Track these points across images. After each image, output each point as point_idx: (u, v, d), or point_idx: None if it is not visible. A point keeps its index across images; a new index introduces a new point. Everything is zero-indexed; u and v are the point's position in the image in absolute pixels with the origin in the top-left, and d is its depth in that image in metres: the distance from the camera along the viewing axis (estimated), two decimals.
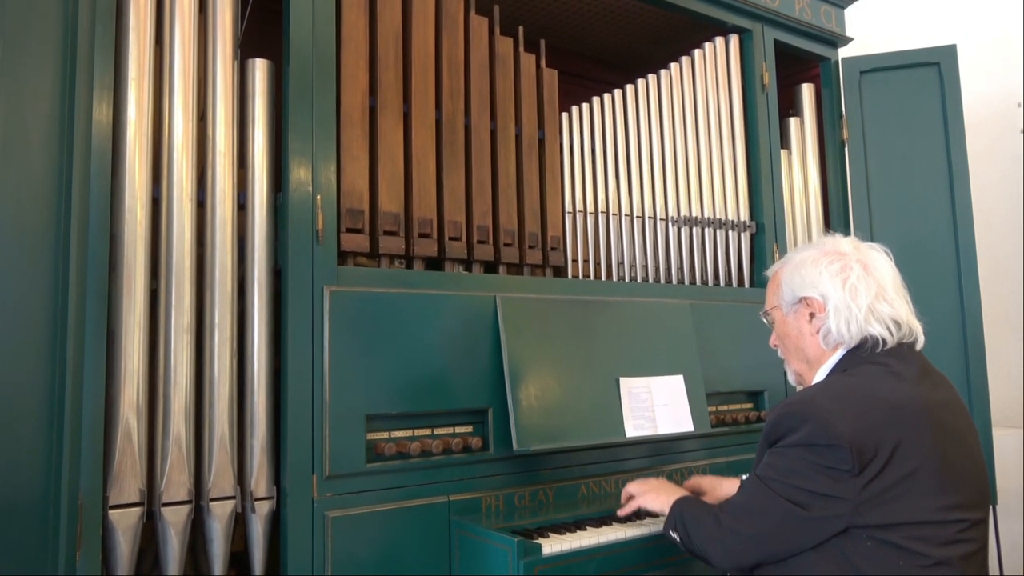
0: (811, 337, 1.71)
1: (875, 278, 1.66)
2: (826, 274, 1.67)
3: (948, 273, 3.02)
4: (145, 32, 1.80)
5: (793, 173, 3.16)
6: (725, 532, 1.58)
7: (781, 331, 1.79)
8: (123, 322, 1.70)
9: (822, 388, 1.61)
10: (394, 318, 2.02)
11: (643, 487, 1.93)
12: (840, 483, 1.45)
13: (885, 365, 1.59)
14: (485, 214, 2.31)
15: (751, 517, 1.55)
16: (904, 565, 1.42)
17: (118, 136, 1.75)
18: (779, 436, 1.56)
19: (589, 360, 2.30)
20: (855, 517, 1.45)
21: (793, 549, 1.51)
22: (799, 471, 1.49)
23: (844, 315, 1.64)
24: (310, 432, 1.88)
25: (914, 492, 1.44)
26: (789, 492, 1.50)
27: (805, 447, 1.49)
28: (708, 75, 2.92)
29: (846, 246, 1.72)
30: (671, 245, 2.73)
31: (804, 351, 1.74)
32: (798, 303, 1.72)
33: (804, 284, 1.70)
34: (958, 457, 1.51)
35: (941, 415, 1.53)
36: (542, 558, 1.79)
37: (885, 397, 1.52)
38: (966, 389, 2.95)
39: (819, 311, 1.68)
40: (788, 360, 1.81)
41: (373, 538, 1.91)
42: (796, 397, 1.58)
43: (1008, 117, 3.96)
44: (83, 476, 1.62)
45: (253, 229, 1.92)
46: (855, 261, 1.68)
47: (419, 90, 2.22)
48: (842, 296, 1.65)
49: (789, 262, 1.78)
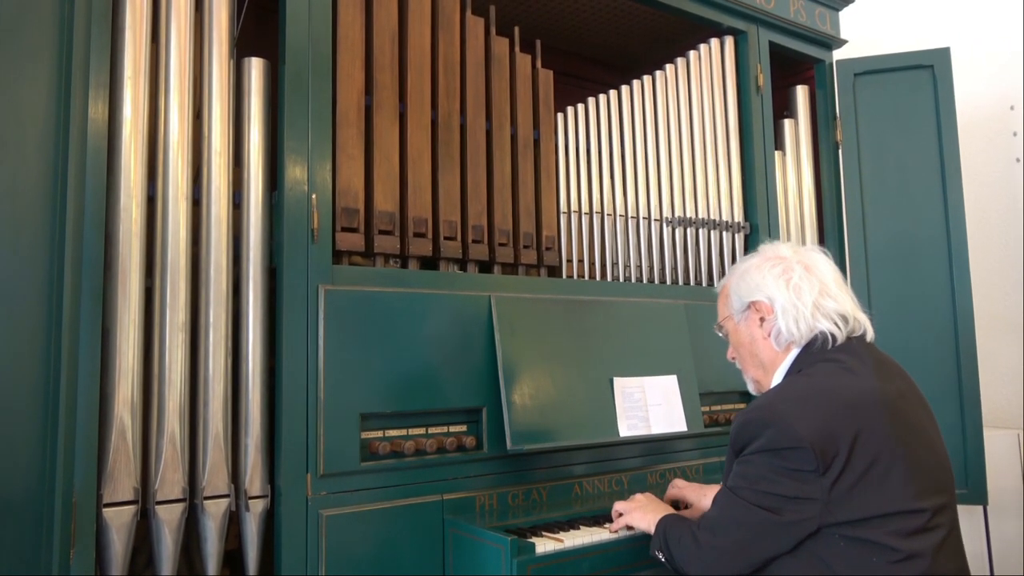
0: (764, 341, 1.76)
1: (817, 276, 1.73)
2: (769, 277, 1.74)
3: (940, 274, 3.04)
4: (141, 30, 1.80)
5: (787, 174, 3.17)
6: (704, 550, 1.60)
7: (736, 340, 1.85)
8: (118, 320, 1.70)
9: (779, 391, 1.64)
10: (389, 317, 2.03)
11: (630, 505, 1.95)
12: (808, 484, 1.47)
13: (838, 361, 1.64)
14: (480, 214, 2.32)
15: (726, 530, 1.57)
16: (877, 562, 1.44)
17: (114, 134, 1.75)
18: (743, 445, 1.59)
19: (583, 360, 2.31)
20: (826, 516, 1.47)
21: (770, 555, 1.53)
22: (767, 476, 1.52)
23: (792, 314, 1.70)
24: (304, 431, 1.89)
25: (878, 484, 1.47)
26: (760, 499, 1.52)
27: (769, 452, 1.52)
28: (703, 76, 2.93)
29: (786, 250, 1.80)
30: (665, 245, 2.74)
31: (759, 356, 1.78)
32: (747, 309, 1.79)
33: (750, 289, 1.77)
34: (918, 445, 1.55)
35: (898, 405, 1.57)
36: (535, 557, 1.79)
37: (841, 393, 1.56)
38: (957, 389, 2.97)
39: (768, 313, 1.74)
40: (745, 369, 1.85)
41: (367, 537, 1.91)
42: (755, 404, 1.62)
43: (1002, 120, 3.98)
44: (77, 474, 1.62)
45: (248, 228, 1.92)
46: (796, 263, 1.75)
47: (415, 90, 2.22)
48: (787, 296, 1.71)
49: (735, 272, 1.85)
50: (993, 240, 3.96)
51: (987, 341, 3.72)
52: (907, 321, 3.03)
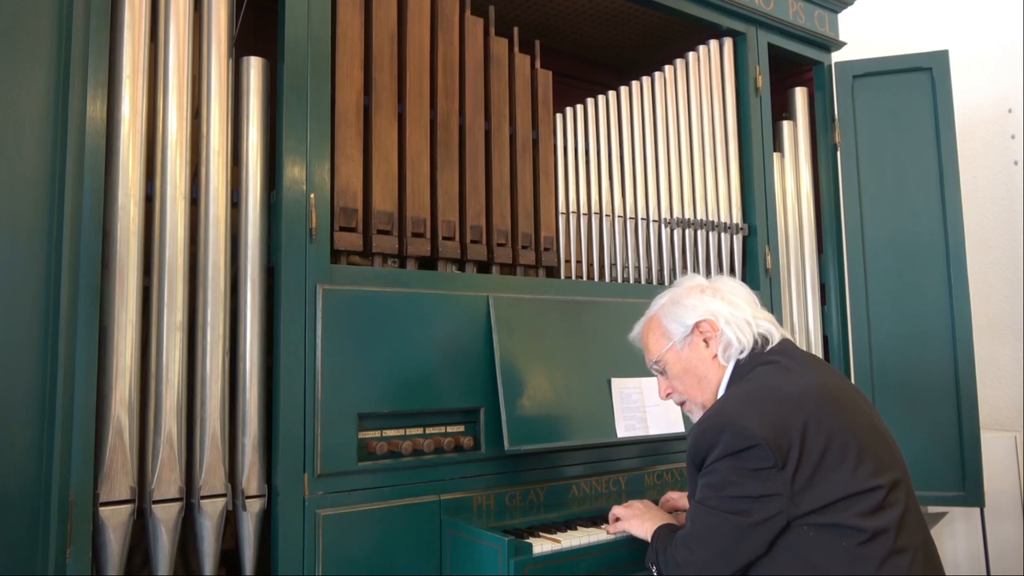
0: (711, 361, 1.78)
1: (741, 294, 1.82)
2: (705, 297, 1.80)
3: (938, 276, 3.05)
4: (140, 29, 1.80)
5: (785, 176, 3.18)
6: (684, 566, 1.61)
7: (678, 371, 1.82)
8: (115, 319, 1.70)
9: (725, 400, 1.67)
10: (387, 317, 2.02)
11: (629, 511, 1.95)
12: (771, 480, 1.50)
13: (775, 363, 1.69)
14: (479, 214, 2.32)
15: (701, 543, 1.58)
16: (847, 546, 1.48)
17: (112, 133, 1.75)
18: (703, 456, 1.61)
19: (581, 361, 2.31)
20: (792, 509, 1.50)
21: (748, 559, 1.55)
22: (731, 481, 1.54)
23: (736, 323, 1.75)
24: (302, 430, 1.88)
25: (834, 468, 1.51)
26: (728, 504, 1.54)
27: (729, 456, 1.54)
28: (702, 78, 2.94)
29: (700, 279, 1.88)
30: (664, 246, 2.75)
31: (707, 378, 1.78)
32: (691, 333, 1.79)
33: (688, 312, 1.79)
34: (863, 428, 1.59)
35: (837, 395, 1.62)
36: (532, 557, 1.79)
37: (784, 389, 1.61)
38: (955, 391, 2.97)
39: (712, 331, 1.77)
40: (691, 396, 1.82)
41: (364, 537, 1.91)
42: (706, 415, 1.65)
43: (999, 122, 3.99)
44: (74, 473, 1.62)
45: (246, 227, 1.92)
46: (718, 284, 1.84)
47: (414, 90, 2.22)
48: (727, 308, 1.77)
49: (658, 307, 1.87)
50: (991, 242, 3.96)
51: (985, 344, 3.73)
52: (905, 323, 3.04)
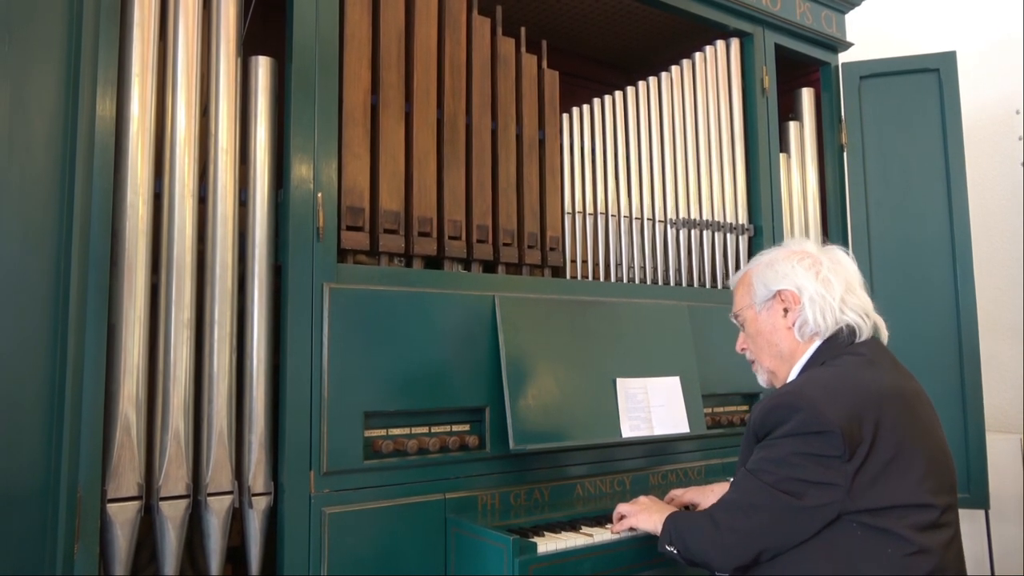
0: (786, 331, 1.75)
1: (843, 273, 1.74)
2: (799, 268, 1.74)
3: (944, 277, 3.04)
4: (149, 28, 1.80)
5: (792, 177, 3.17)
6: (723, 532, 1.58)
7: (753, 330, 1.83)
8: (123, 317, 1.71)
9: (806, 380, 1.64)
10: (393, 316, 2.03)
11: (634, 507, 1.95)
12: (832, 470, 1.48)
13: (862, 355, 1.65)
14: (485, 214, 2.32)
15: (746, 512, 1.56)
16: (892, 553, 1.45)
17: (121, 131, 1.76)
18: (769, 429, 1.58)
19: (586, 360, 2.31)
20: (847, 503, 1.47)
21: (790, 542, 1.52)
22: (791, 461, 1.51)
23: (819, 304, 1.70)
24: (308, 428, 1.89)
25: (900, 475, 1.48)
26: (782, 483, 1.51)
27: (796, 436, 1.51)
28: (708, 78, 2.94)
29: (811, 246, 1.81)
30: (669, 247, 2.74)
31: (778, 346, 1.77)
32: (772, 299, 1.77)
33: (777, 278, 1.76)
34: (933, 446, 1.57)
35: (914, 403, 1.60)
36: (537, 557, 1.80)
37: (867, 384, 1.57)
38: (960, 392, 2.97)
39: (794, 303, 1.73)
40: (760, 359, 1.83)
41: (369, 535, 1.91)
42: (782, 390, 1.62)
43: (1007, 123, 3.97)
44: (82, 469, 1.63)
45: (254, 225, 1.93)
46: (823, 258, 1.76)
47: (421, 89, 2.23)
48: (816, 287, 1.71)
49: (758, 263, 1.84)
50: (997, 244, 3.95)
51: (990, 345, 3.72)
52: (910, 324, 3.03)
